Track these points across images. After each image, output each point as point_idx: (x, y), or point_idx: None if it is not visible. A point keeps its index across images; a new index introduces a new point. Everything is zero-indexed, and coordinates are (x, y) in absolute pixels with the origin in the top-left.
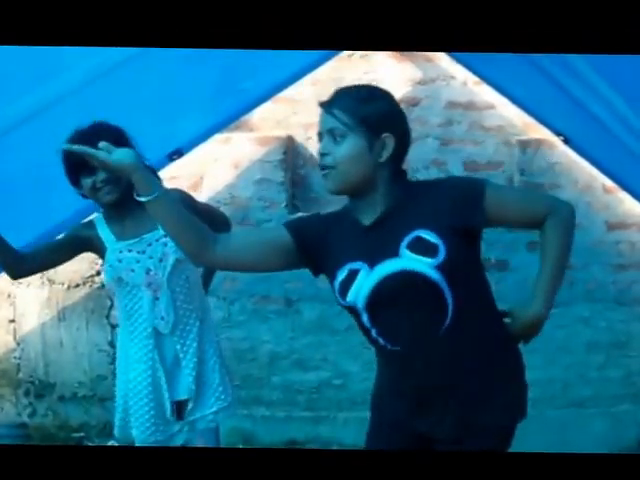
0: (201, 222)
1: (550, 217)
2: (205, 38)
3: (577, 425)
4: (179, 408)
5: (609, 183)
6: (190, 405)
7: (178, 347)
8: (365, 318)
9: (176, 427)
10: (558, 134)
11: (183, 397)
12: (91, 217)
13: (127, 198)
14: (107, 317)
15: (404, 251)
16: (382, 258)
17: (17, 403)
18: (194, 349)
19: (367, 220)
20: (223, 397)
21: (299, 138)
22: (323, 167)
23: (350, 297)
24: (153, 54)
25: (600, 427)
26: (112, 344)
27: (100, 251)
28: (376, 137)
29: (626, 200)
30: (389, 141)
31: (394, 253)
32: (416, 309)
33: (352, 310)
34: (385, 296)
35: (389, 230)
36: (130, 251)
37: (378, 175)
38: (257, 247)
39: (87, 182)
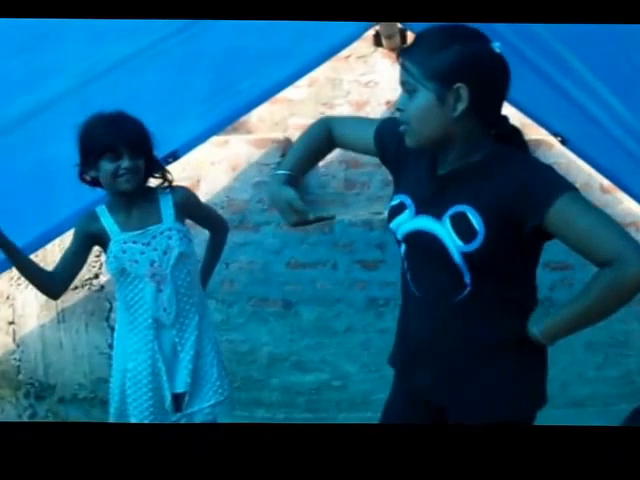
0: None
1: (609, 268)
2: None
3: (576, 424)
4: (176, 400)
5: (607, 183)
6: (187, 398)
7: (177, 339)
8: (402, 251)
9: (173, 419)
10: (556, 135)
11: (180, 390)
12: (92, 209)
13: (139, 189)
14: (107, 320)
15: (445, 220)
16: (428, 211)
17: (17, 405)
18: (192, 342)
19: (438, 168)
20: (220, 391)
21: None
22: (400, 122)
23: (393, 225)
24: (148, 55)
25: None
26: (112, 346)
27: (104, 243)
28: (448, 89)
29: (624, 200)
30: (463, 92)
31: (438, 214)
32: (437, 271)
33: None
34: (415, 246)
35: (448, 190)
36: (135, 242)
37: (456, 129)
38: (354, 138)
39: (109, 167)
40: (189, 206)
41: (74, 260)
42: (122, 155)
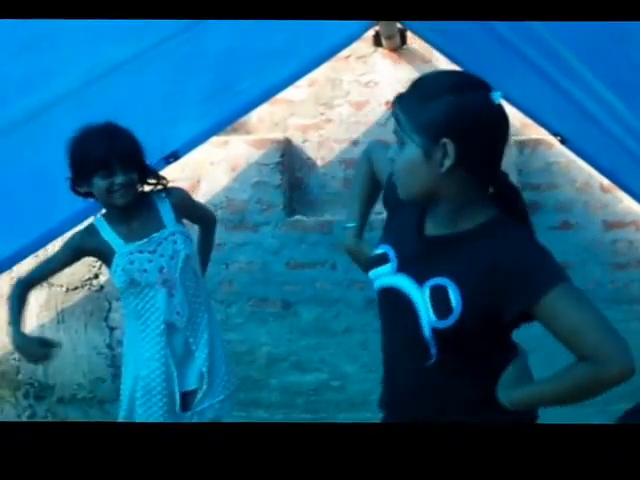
0: None
1: (588, 364)
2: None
3: (575, 423)
4: (184, 399)
5: (607, 182)
6: (200, 395)
7: (191, 340)
8: (378, 300)
9: (185, 418)
10: (555, 134)
11: (192, 387)
12: (89, 222)
13: (134, 200)
14: (106, 320)
15: (425, 289)
16: (410, 273)
17: (17, 405)
18: (205, 340)
19: (428, 226)
20: (228, 385)
21: (296, 140)
22: (393, 173)
23: (372, 275)
24: (149, 56)
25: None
26: (111, 346)
27: (106, 256)
28: (434, 144)
29: (624, 199)
30: (449, 148)
31: (420, 280)
32: (406, 335)
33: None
34: (390, 302)
35: (434, 256)
36: (141, 252)
37: (445, 186)
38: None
39: (102, 183)
40: (186, 206)
41: (56, 270)
42: (115, 171)
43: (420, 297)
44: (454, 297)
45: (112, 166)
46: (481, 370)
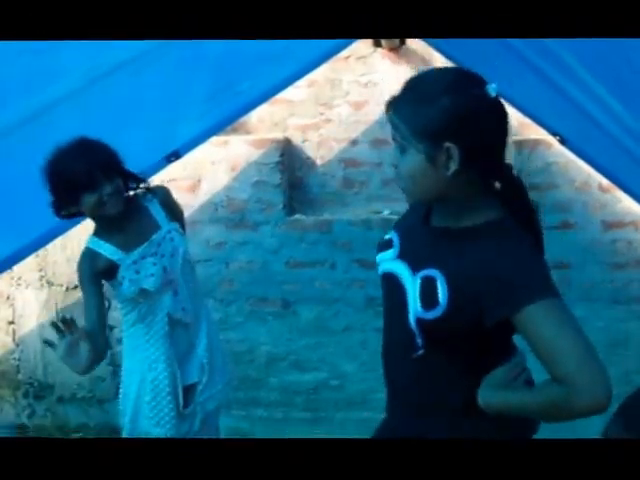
0: None
1: (560, 387)
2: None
3: (573, 423)
4: (186, 393)
5: (606, 182)
6: (200, 387)
7: (192, 333)
8: (381, 285)
9: (191, 411)
10: (554, 134)
11: (193, 380)
12: (85, 248)
13: (125, 207)
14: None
15: (417, 278)
16: (407, 260)
17: (16, 404)
18: (204, 332)
19: (435, 217)
20: (225, 373)
21: (296, 140)
22: (396, 178)
23: (377, 258)
24: (150, 57)
25: (598, 426)
26: (110, 346)
27: (113, 274)
28: (437, 149)
29: (623, 199)
30: (454, 152)
31: (415, 268)
32: (397, 322)
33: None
34: (388, 287)
35: (432, 247)
36: (144, 257)
37: (453, 186)
38: None
39: (91, 198)
40: (170, 203)
41: (100, 315)
42: (101, 182)
43: (412, 286)
44: (441, 290)
45: (96, 178)
46: (467, 370)
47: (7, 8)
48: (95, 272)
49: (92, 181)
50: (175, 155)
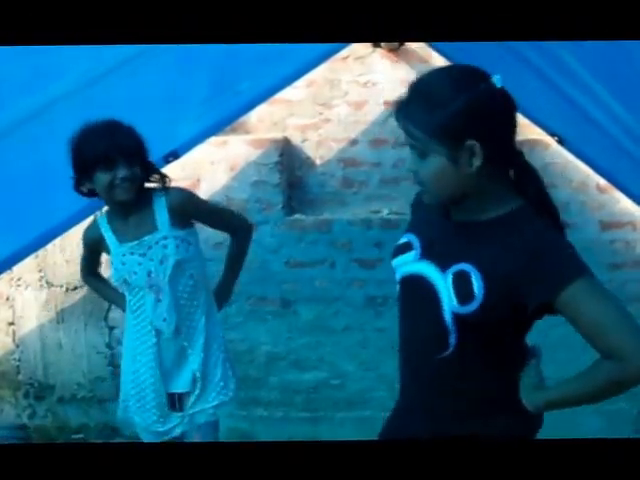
0: None
1: (611, 361)
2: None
3: (572, 423)
4: (180, 400)
5: (604, 182)
6: (192, 398)
7: (186, 344)
8: (398, 291)
9: (176, 419)
10: (553, 134)
11: (184, 390)
12: (93, 217)
13: (136, 196)
14: (105, 319)
15: (448, 274)
16: (433, 258)
17: (17, 405)
18: (201, 345)
19: (454, 212)
20: (224, 392)
21: (295, 140)
22: (417, 183)
23: (395, 263)
24: (148, 56)
25: (595, 425)
26: (110, 346)
27: (107, 251)
28: (459, 148)
29: (621, 199)
30: (476, 149)
31: (443, 265)
32: (425, 324)
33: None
34: (411, 290)
35: (458, 242)
36: (132, 254)
37: (476, 180)
38: None
39: (104, 178)
40: (187, 209)
41: (92, 265)
42: (117, 164)
43: (443, 283)
44: (476, 283)
45: (114, 160)
46: (498, 365)
47: (7, 10)
48: (91, 239)
49: (108, 160)
50: (173, 155)
